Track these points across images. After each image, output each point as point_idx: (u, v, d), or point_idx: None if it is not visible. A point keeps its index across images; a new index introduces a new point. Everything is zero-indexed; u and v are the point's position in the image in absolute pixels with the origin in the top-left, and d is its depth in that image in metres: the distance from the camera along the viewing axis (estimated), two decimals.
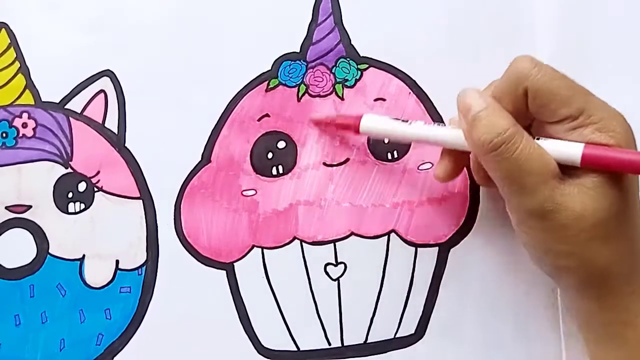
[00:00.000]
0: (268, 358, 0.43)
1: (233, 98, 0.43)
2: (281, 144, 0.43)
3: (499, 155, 0.34)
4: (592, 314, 0.36)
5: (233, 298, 0.43)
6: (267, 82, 0.44)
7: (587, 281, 0.35)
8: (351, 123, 0.41)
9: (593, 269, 0.35)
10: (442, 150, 0.40)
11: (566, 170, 0.35)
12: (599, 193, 0.34)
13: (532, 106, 0.35)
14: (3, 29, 0.44)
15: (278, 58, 0.44)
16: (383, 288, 0.43)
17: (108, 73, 0.44)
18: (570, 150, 0.34)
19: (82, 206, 0.43)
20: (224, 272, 0.43)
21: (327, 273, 0.43)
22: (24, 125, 0.43)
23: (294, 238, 0.43)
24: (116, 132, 0.43)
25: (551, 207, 0.34)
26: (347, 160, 0.43)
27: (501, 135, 0.34)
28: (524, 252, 0.42)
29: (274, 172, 0.43)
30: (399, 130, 0.39)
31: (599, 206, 0.34)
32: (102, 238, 0.43)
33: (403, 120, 0.39)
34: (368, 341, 0.43)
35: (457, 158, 0.39)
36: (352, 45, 0.44)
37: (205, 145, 0.43)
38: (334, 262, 0.43)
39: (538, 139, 0.35)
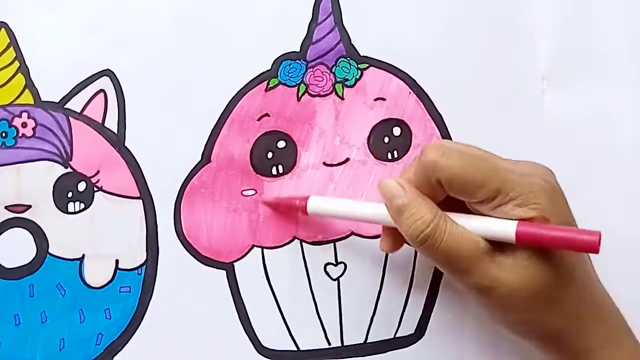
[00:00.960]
0: (268, 358, 0.43)
1: (233, 98, 0.43)
2: (281, 144, 0.43)
3: (427, 248, 0.35)
4: None
5: (233, 298, 0.43)
6: (266, 81, 0.43)
7: (543, 342, 0.36)
8: (297, 205, 0.41)
9: (544, 332, 0.35)
10: (382, 227, 0.39)
11: (499, 243, 0.35)
12: (534, 264, 0.34)
13: (450, 192, 0.35)
14: (3, 29, 0.44)
15: (278, 57, 0.44)
16: (383, 288, 0.43)
17: (108, 73, 0.43)
18: (504, 228, 0.34)
19: (82, 206, 0.43)
20: (224, 272, 0.43)
21: (327, 273, 0.43)
22: (24, 124, 0.43)
23: (294, 238, 0.43)
24: (116, 131, 0.43)
25: (488, 284, 0.34)
26: (347, 160, 0.43)
27: (424, 232, 0.34)
28: None
29: (274, 171, 0.43)
30: (340, 212, 0.40)
31: (535, 277, 0.34)
32: (102, 238, 0.43)
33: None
34: (368, 341, 0.43)
35: (398, 233, 0.39)
36: (352, 44, 0.43)
37: (205, 145, 0.43)
38: (334, 262, 0.43)
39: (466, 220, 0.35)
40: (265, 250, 0.43)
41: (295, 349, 0.43)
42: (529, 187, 0.34)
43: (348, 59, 0.44)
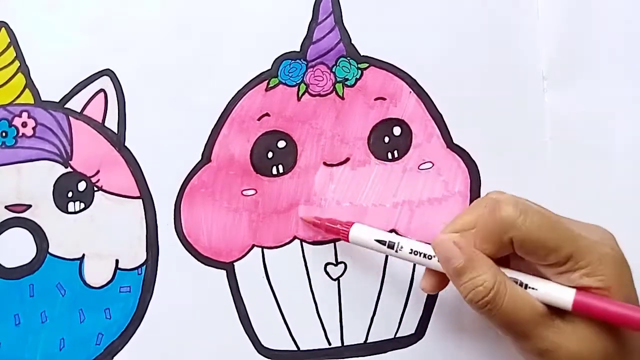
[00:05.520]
0: (268, 358, 0.43)
1: (233, 97, 0.43)
2: (281, 144, 0.43)
3: (486, 312, 0.34)
4: None
5: (233, 298, 0.43)
6: (267, 81, 0.43)
7: None
8: (340, 231, 0.41)
9: None
10: (425, 268, 0.39)
11: (558, 308, 0.34)
12: (594, 333, 0.34)
13: (519, 252, 0.35)
14: (3, 28, 0.44)
15: (278, 57, 0.43)
16: (383, 288, 0.43)
17: (108, 72, 0.43)
18: (561, 296, 0.34)
19: (82, 205, 0.43)
20: (224, 271, 0.43)
21: (327, 273, 0.43)
22: (24, 124, 0.43)
23: (294, 238, 0.43)
24: (116, 131, 0.43)
25: (547, 347, 0.34)
26: (347, 159, 0.43)
27: (485, 298, 0.34)
28: None
29: (274, 171, 0.43)
30: (386, 252, 0.39)
31: (596, 346, 0.33)
32: (102, 237, 0.43)
33: (390, 243, 0.39)
34: (368, 341, 0.43)
35: (443, 275, 0.38)
36: (353, 44, 0.43)
37: (205, 145, 0.43)
38: (334, 262, 0.43)
39: (526, 287, 0.35)
40: (265, 250, 0.43)
41: (296, 349, 0.43)
42: (599, 257, 0.34)
43: (348, 58, 0.43)
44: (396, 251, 0.39)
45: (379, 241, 0.39)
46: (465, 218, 0.37)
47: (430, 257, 0.38)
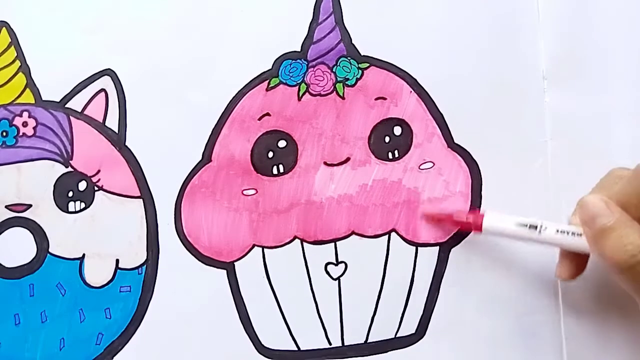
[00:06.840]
0: (268, 358, 0.43)
1: (234, 97, 0.43)
2: (282, 143, 0.43)
3: (634, 275, 0.32)
4: None
5: (233, 297, 0.43)
6: (267, 81, 0.43)
7: None
8: (471, 221, 0.40)
9: None
10: (560, 252, 0.38)
11: None
12: None
13: None
14: (4, 28, 0.44)
15: (279, 57, 0.44)
16: (384, 287, 0.43)
17: (109, 72, 0.44)
18: None
19: (83, 205, 0.43)
20: (225, 271, 0.43)
21: (327, 272, 0.43)
22: (25, 124, 0.43)
23: (295, 237, 0.43)
24: (117, 131, 0.43)
25: None
26: (347, 159, 0.43)
27: (636, 257, 0.32)
28: (525, 252, 0.42)
29: (275, 171, 0.43)
30: (527, 236, 0.38)
31: None
32: (103, 237, 0.43)
33: (531, 226, 0.37)
34: (368, 341, 0.43)
35: (580, 258, 0.37)
36: (353, 44, 0.44)
37: (206, 145, 0.43)
38: (334, 262, 0.43)
39: None
40: (265, 249, 0.43)
41: (296, 348, 0.43)
42: None
43: (349, 58, 0.44)
44: (539, 232, 0.37)
45: (520, 224, 0.37)
46: (601, 190, 0.36)
47: (579, 234, 0.36)
